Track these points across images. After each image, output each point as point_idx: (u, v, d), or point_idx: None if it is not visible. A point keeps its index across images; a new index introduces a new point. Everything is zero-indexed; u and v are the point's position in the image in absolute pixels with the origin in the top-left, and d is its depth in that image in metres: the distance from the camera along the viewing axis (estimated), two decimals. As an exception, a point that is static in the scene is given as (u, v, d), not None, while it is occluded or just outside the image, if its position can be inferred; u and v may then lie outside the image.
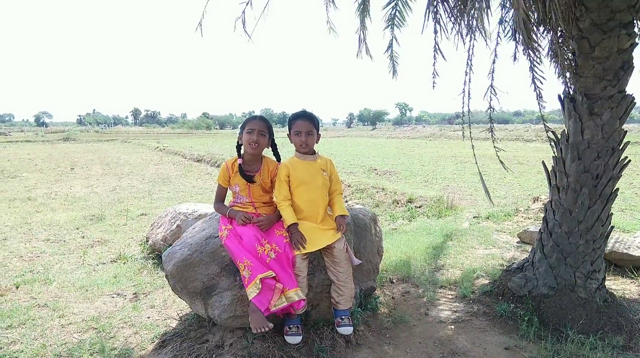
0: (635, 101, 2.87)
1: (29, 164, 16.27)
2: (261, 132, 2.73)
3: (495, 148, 3.61)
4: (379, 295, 3.37)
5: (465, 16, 3.23)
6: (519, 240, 5.06)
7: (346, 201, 8.55)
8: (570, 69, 3.06)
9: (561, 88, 3.32)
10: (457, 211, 7.03)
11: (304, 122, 2.72)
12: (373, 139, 36.72)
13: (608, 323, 2.84)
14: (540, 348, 2.65)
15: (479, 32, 3.24)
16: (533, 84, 3.24)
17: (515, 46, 3.32)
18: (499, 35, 3.37)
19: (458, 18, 3.18)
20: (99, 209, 7.69)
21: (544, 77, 3.21)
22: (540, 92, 3.29)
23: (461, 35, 3.33)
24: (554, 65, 3.57)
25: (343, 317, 2.64)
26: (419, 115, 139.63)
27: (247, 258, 2.42)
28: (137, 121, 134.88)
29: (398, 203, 8.20)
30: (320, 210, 2.74)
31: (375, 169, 12.97)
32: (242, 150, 2.83)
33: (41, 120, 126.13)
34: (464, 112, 3.69)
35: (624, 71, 2.82)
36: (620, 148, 2.93)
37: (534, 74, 3.19)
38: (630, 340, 2.75)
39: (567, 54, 3.12)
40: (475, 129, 3.82)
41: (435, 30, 3.31)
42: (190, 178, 12.90)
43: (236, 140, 2.86)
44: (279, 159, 2.98)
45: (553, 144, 3.21)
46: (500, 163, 3.62)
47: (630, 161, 3.01)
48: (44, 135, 44.18)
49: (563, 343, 2.68)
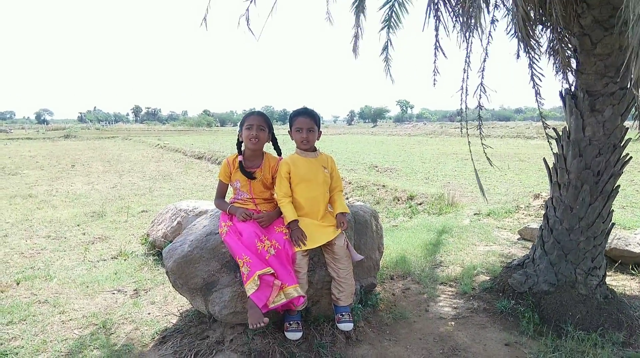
0: (636, 97, 2.86)
1: (29, 161, 16.29)
2: (260, 127, 2.73)
3: (482, 145, 3.62)
4: (379, 291, 3.38)
5: (465, 14, 3.23)
6: (519, 236, 5.07)
7: (347, 198, 8.55)
8: (572, 66, 3.06)
9: (560, 85, 3.32)
10: (458, 208, 7.03)
11: (305, 119, 2.71)
12: (374, 137, 36.69)
13: (608, 320, 2.84)
14: (541, 345, 2.66)
15: (477, 30, 3.23)
16: (532, 81, 3.24)
17: (518, 44, 3.32)
18: (490, 34, 3.37)
19: (459, 16, 3.17)
20: (99, 206, 7.71)
21: (543, 75, 3.21)
22: (538, 89, 3.29)
23: (463, 33, 3.33)
24: (553, 62, 3.57)
25: (343, 313, 2.64)
26: (420, 112, 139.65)
27: (246, 254, 2.42)
28: (138, 118, 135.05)
29: (399, 200, 8.20)
30: (321, 207, 2.74)
31: (376, 167, 12.97)
32: (243, 147, 2.83)
33: (42, 117, 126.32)
34: (462, 109, 3.70)
35: (625, 68, 2.81)
36: (622, 144, 2.93)
37: (532, 71, 3.19)
38: (631, 336, 2.75)
39: (568, 51, 3.12)
40: (475, 126, 3.83)
41: (436, 28, 3.30)
42: (191, 175, 12.91)
43: (236, 137, 2.86)
44: (279, 152, 2.98)
45: (553, 141, 3.21)
46: (487, 159, 3.64)
47: (631, 157, 3.00)
48: (44, 132, 44.24)
49: (563, 340, 2.68)
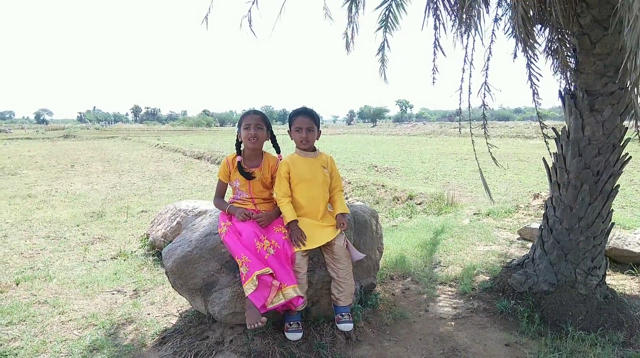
0: (635, 99, 2.86)
1: (29, 161, 16.28)
2: (258, 126, 2.72)
3: (487, 144, 3.61)
4: (379, 291, 3.37)
5: (464, 13, 3.22)
6: (519, 236, 5.06)
7: (346, 198, 8.55)
8: (571, 66, 3.05)
9: (558, 85, 3.31)
10: (458, 208, 7.02)
11: (304, 119, 2.71)
12: (373, 137, 36.68)
13: (608, 320, 2.84)
14: (541, 345, 2.65)
15: (477, 29, 3.23)
16: (530, 81, 3.24)
17: (516, 43, 3.32)
18: (493, 33, 3.36)
19: (458, 13, 3.17)
20: (99, 206, 7.70)
21: (541, 74, 3.21)
22: (536, 89, 3.29)
23: (460, 32, 3.32)
24: (552, 62, 3.56)
25: (343, 314, 2.63)
26: (419, 112, 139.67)
27: (245, 254, 2.42)
28: (138, 118, 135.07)
29: (398, 200, 8.20)
30: (321, 207, 2.73)
31: (376, 166, 12.97)
32: (242, 147, 2.83)
33: (41, 117, 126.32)
34: (461, 109, 3.69)
35: (625, 68, 2.80)
36: (621, 144, 2.92)
37: (530, 71, 3.19)
38: (631, 336, 2.75)
39: (567, 50, 3.11)
40: (475, 126, 3.82)
41: (436, 27, 3.30)
42: (191, 175, 12.91)
43: (235, 137, 2.86)
44: (278, 150, 2.97)
45: (550, 140, 3.20)
46: (493, 159, 3.63)
47: (631, 157, 3.00)
48: (44, 132, 44.22)
49: (563, 340, 2.67)
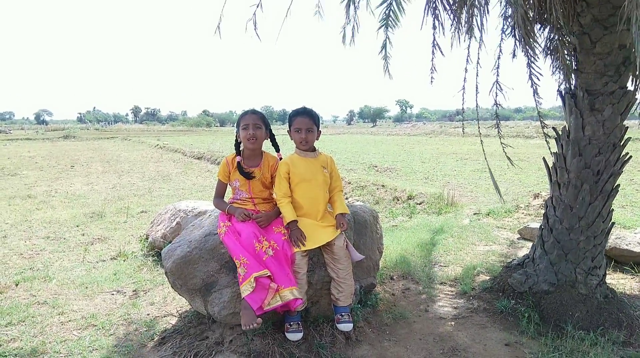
0: (636, 97, 2.86)
1: (29, 162, 16.27)
2: (256, 126, 2.72)
3: (502, 144, 3.59)
4: (379, 291, 3.37)
5: (462, 12, 3.22)
6: (519, 236, 5.06)
7: (346, 198, 8.55)
8: (571, 65, 3.05)
9: (557, 85, 3.31)
10: (458, 208, 7.02)
11: (304, 119, 2.70)
12: (373, 136, 36.66)
13: (608, 319, 2.84)
14: (541, 345, 2.65)
15: (477, 29, 3.23)
16: (530, 81, 3.24)
17: (515, 43, 3.31)
18: (503, 30, 3.34)
19: (457, 12, 3.16)
20: (99, 206, 7.70)
21: (541, 74, 3.20)
22: (537, 89, 3.28)
23: (459, 32, 3.32)
24: (551, 61, 3.56)
25: (343, 314, 2.63)
26: (419, 112, 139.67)
27: (244, 255, 2.41)
28: (138, 118, 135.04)
29: (398, 200, 8.20)
30: (321, 207, 2.73)
31: (376, 166, 12.96)
32: (241, 147, 2.83)
33: (41, 118, 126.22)
34: (464, 108, 3.68)
35: (625, 67, 2.81)
36: (622, 144, 2.92)
37: (531, 71, 3.18)
38: (631, 336, 2.75)
39: (567, 50, 3.10)
40: (475, 125, 3.80)
41: (434, 26, 3.29)
42: (190, 175, 12.90)
43: (234, 137, 2.86)
44: (277, 149, 2.97)
45: (552, 140, 3.19)
46: (508, 158, 3.62)
47: (631, 157, 3.00)
48: (44, 133, 44.19)
49: (563, 339, 2.67)
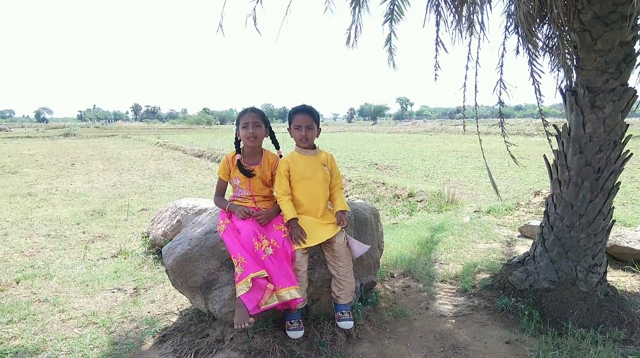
0: (637, 94, 2.85)
1: (29, 160, 16.28)
2: (256, 124, 2.71)
3: (506, 142, 3.59)
4: (379, 289, 3.37)
5: (464, 10, 3.21)
6: (520, 234, 5.06)
7: (347, 196, 8.55)
8: (572, 63, 3.04)
9: (556, 82, 3.30)
10: (458, 206, 7.02)
11: (303, 116, 2.70)
12: (374, 134, 36.64)
13: (609, 317, 2.84)
14: (541, 342, 2.65)
15: (478, 26, 3.22)
16: (532, 78, 3.23)
17: (518, 39, 3.31)
18: (507, 28, 3.33)
19: (459, 9, 3.16)
20: (99, 204, 7.70)
21: (543, 71, 3.20)
22: (538, 86, 3.28)
23: (460, 29, 3.31)
24: (550, 59, 3.55)
25: (344, 311, 2.63)
26: (419, 110, 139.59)
27: (242, 255, 2.40)
28: (138, 116, 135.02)
29: (399, 198, 8.20)
30: (321, 205, 2.73)
31: (376, 164, 12.96)
32: (241, 145, 2.82)
33: (42, 116, 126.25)
34: (465, 106, 3.68)
35: (626, 64, 2.80)
36: (622, 141, 2.91)
37: (532, 68, 3.18)
38: (632, 333, 2.75)
39: (568, 47, 3.09)
40: (475, 123, 3.80)
41: (437, 23, 3.29)
42: (191, 173, 12.90)
43: (234, 135, 2.85)
44: (277, 146, 2.96)
45: (554, 137, 3.19)
46: (512, 157, 3.62)
47: (632, 154, 2.99)
48: (44, 131, 44.22)
49: (564, 337, 2.67)
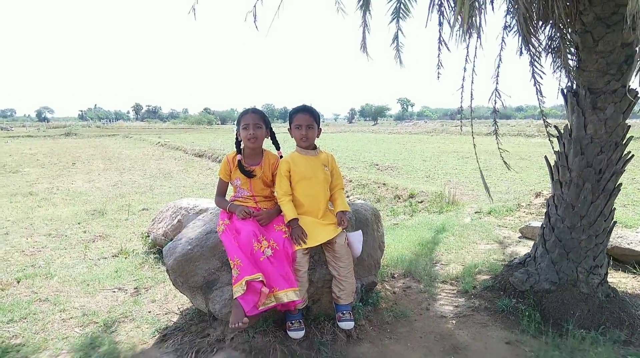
0: (639, 95, 2.85)
1: (30, 159, 16.30)
2: (256, 125, 2.72)
3: (499, 149, 3.60)
4: (380, 289, 3.37)
5: (464, 14, 3.21)
6: (520, 235, 5.05)
7: (348, 197, 8.55)
8: (573, 64, 3.03)
9: (558, 83, 3.30)
10: (459, 207, 7.01)
11: (304, 116, 2.71)
12: (375, 135, 36.63)
13: (610, 318, 2.83)
14: (542, 343, 2.65)
15: (480, 29, 3.23)
16: (533, 79, 3.23)
17: (519, 41, 3.31)
18: (503, 40, 3.36)
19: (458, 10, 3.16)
20: (100, 204, 7.71)
21: (544, 72, 3.20)
22: (539, 87, 3.28)
23: (460, 30, 3.32)
24: (552, 60, 3.55)
25: (344, 312, 2.63)
26: (420, 110, 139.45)
27: (239, 257, 2.39)
28: (139, 116, 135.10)
29: (399, 198, 8.20)
30: (321, 205, 2.73)
31: (377, 165, 12.95)
32: (242, 145, 2.82)
33: (43, 115, 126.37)
34: (462, 107, 3.68)
35: (627, 65, 2.79)
36: (624, 142, 2.91)
37: (534, 69, 3.18)
38: (632, 335, 2.74)
39: (570, 48, 3.09)
40: (477, 124, 3.79)
41: (440, 23, 3.31)
42: (192, 173, 12.91)
43: (235, 136, 2.85)
44: (278, 147, 2.97)
45: (555, 139, 3.18)
46: (505, 163, 3.62)
47: (633, 155, 2.98)
48: (45, 130, 44.28)
49: (564, 338, 2.67)
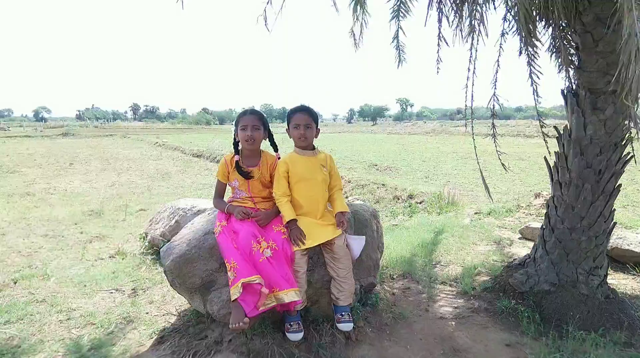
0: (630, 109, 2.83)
1: (27, 159, 16.26)
2: (255, 127, 2.71)
3: (497, 151, 3.60)
4: (379, 291, 3.35)
5: (464, 13, 3.21)
6: (520, 236, 5.04)
7: (346, 197, 8.54)
8: (573, 64, 3.02)
9: (561, 84, 3.29)
10: (458, 207, 7.00)
11: (302, 116, 2.70)
12: (374, 135, 36.66)
13: (610, 320, 2.82)
14: (541, 345, 2.64)
15: (482, 30, 3.23)
16: (530, 79, 3.23)
17: (520, 41, 3.31)
18: (501, 46, 3.36)
19: (459, 7, 3.16)
20: (97, 204, 7.68)
21: (542, 73, 3.19)
22: (536, 88, 3.28)
23: (461, 29, 3.31)
24: (556, 60, 3.54)
25: (343, 313, 2.61)
26: (419, 111, 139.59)
27: (235, 259, 2.37)
28: (137, 116, 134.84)
29: (399, 199, 8.19)
30: (320, 206, 2.71)
31: (376, 165, 12.95)
32: (240, 146, 2.81)
33: (40, 115, 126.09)
34: (466, 107, 3.68)
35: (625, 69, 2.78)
36: (623, 143, 2.90)
37: (531, 69, 3.17)
38: (632, 336, 2.73)
39: (570, 48, 3.08)
40: (478, 124, 3.79)
41: (439, 20, 3.31)
42: (190, 173, 12.89)
43: (233, 136, 2.84)
44: (276, 149, 2.95)
45: (548, 139, 3.18)
46: (502, 165, 3.62)
47: (632, 156, 2.98)
48: (42, 130, 44.15)
49: (564, 340, 2.66)
